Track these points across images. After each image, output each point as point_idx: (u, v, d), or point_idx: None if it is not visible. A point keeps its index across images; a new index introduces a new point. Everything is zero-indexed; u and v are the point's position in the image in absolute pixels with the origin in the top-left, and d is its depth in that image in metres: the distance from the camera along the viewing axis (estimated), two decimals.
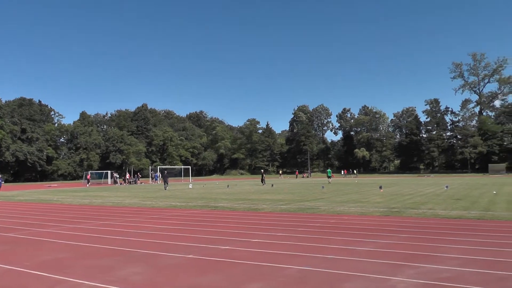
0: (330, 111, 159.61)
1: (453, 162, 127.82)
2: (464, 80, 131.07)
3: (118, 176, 74.08)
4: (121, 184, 67.72)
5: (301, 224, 14.54)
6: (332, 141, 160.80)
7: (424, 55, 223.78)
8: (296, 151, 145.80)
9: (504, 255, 9.18)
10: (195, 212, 19.58)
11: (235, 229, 13.59)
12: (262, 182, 53.70)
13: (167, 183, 45.57)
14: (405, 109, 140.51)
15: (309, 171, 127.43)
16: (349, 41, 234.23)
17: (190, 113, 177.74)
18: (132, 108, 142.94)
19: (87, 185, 63.51)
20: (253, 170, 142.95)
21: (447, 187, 36.81)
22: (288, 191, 36.72)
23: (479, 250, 9.72)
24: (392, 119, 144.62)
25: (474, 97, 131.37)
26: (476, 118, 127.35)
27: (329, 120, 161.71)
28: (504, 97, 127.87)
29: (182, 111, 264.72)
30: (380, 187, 36.31)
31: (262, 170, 61.06)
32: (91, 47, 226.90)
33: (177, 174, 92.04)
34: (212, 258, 9.18)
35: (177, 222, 15.75)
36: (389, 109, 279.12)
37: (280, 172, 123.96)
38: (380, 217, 16.52)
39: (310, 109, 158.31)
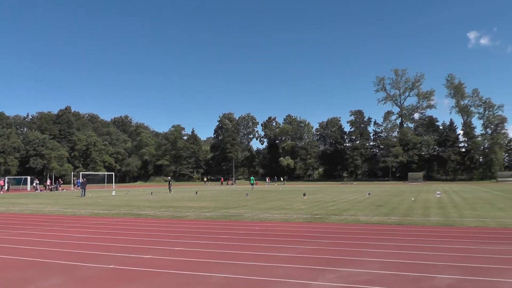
0: (256, 120, 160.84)
1: (376, 171, 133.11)
2: (387, 93, 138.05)
3: (38, 182, 71.42)
4: (41, 190, 65.29)
5: (225, 232, 14.56)
6: (257, 149, 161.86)
7: (349, 66, 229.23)
8: (221, 159, 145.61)
9: (419, 258, 9.64)
10: (118, 220, 19.19)
11: (159, 238, 13.41)
12: (169, 190, 52.28)
13: (84, 190, 44.45)
14: (329, 119, 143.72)
15: (233, 178, 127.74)
16: (274, 49, 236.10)
17: (115, 118, 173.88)
18: (55, 110, 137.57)
19: (1, 191, 60.86)
20: (178, 177, 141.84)
21: (369, 194, 37.90)
22: (212, 198, 36.64)
23: (397, 254, 10.18)
24: (317, 128, 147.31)
25: (396, 109, 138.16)
26: (398, 129, 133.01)
27: (255, 128, 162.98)
28: (423, 110, 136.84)
29: (106, 115, 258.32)
30: (304, 194, 36.88)
31: (169, 178, 59.20)
32: (11, 42, 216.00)
33: (100, 180, 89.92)
34: (134, 267, 8.99)
35: (99, 231, 15.37)
36: (314, 119, 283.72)
37: (205, 179, 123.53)
38: (303, 223, 16.79)
39: (236, 117, 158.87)
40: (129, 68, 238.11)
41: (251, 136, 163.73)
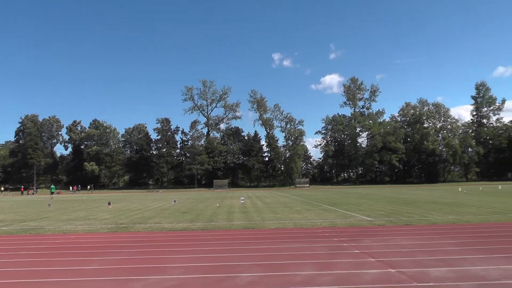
0: (61, 123, 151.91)
1: (182, 178, 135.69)
2: (194, 103, 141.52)
3: None
4: None
5: (25, 247, 13.67)
6: (61, 155, 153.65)
7: (158, 73, 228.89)
8: (21, 165, 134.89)
9: (223, 260, 10.23)
10: None
11: None
12: None
13: None
14: (136, 125, 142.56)
15: (35, 187, 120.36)
16: (81, 49, 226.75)
17: None
18: None
19: None
20: None
21: (174, 201, 38.32)
22: (10, 210, 34.08)
23: (201, 258, 10.62)
24: (123, 134, 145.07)
25: (203, 119, 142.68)
26: (204, 138, 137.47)
27: (59, 132, 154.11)
28: (229, 121, 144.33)
29: None
30: (109, 203, 36.21)
31: None
32: None
33: None
34: None
35: None
36: (121, 125, 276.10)
37: (3, 188, 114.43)
38: (108, 233, 16.46)
39: (40, 119, 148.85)
40: None
41: (55, 140, 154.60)
